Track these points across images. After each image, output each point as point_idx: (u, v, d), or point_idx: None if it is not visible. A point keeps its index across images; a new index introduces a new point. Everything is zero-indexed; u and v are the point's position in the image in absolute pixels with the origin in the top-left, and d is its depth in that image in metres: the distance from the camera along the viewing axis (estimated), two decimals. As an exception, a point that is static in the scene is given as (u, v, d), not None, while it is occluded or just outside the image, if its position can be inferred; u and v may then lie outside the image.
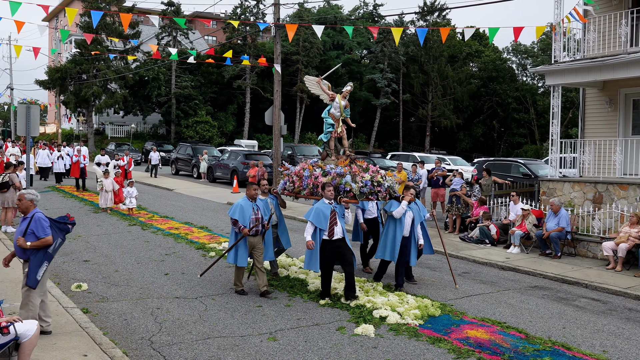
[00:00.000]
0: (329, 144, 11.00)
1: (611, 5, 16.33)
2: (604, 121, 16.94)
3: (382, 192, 10.19)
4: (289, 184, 10.75)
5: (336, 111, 10.88)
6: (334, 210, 9.52)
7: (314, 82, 11.45)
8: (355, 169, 10.27)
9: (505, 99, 56.82)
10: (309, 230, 9.47)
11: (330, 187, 9.64)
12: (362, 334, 8.03)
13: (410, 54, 56.72)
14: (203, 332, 7.98)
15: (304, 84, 50.78)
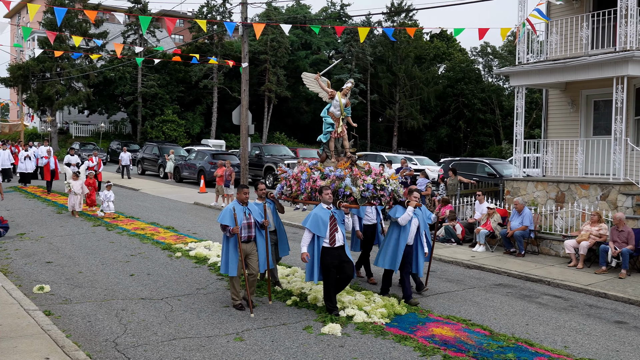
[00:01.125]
0: (329, 145, 10.32)
1: (573, 8, 16.68)
2: (566, 122, 17.30)
3: (386, 196, 9.57)
4: (286, 188, 10.12)
5: (336, 110, 10.18)
6: (334, 216, 8.87)
7: (312, 79, 10.76)
8: (356, 171, 9.57)
9: (472, 99, 57.55)
10: (305, 239, 8.83)
11: (328, 190, 8.98)
12: (329, 333, 8.05)
13: (378, 54, 57.05)
14: (169, 333, 7.90)
15: (272, 84, 50.58)
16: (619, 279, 11.78)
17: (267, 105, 53.90)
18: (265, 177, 29.78)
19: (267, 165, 29.67)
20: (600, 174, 15.39)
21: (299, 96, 56.27)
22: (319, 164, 10.16)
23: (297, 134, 58.25)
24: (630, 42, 14.21)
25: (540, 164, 17.54)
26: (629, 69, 13.92)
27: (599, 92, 16.35)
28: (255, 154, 30.52)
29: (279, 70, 52.86)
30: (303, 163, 10.57)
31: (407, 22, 57.74)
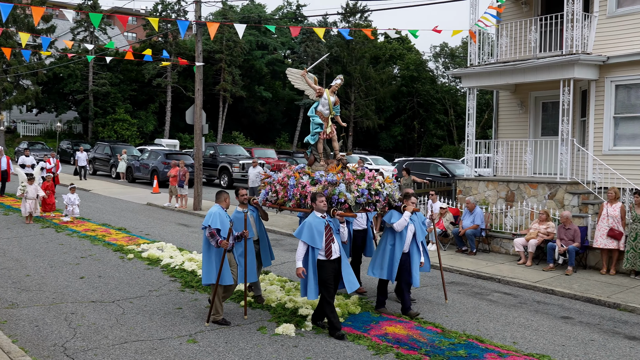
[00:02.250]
0: (317, 147, 9.56)
1: (522, 12, 17.08)
2: (516, 123, 17.71)
3: (381, 201, 8.92)
4: (272, 194, 9.34)
5: (324, 108, 9.45)
6: (329, 225, 8.14)
7: (298, 75, 10.00)
8: (349, 175, 8.84)
9: (428, 99, 58.31)
10: (300, 252, 8.07)
11: (323, 198, 8.18)
12: (283, 334, 8.05)
13: (334, 54, 57.26)
14: (120, 337, 7.77)
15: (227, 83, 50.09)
16: (566, 275, 12.13)
17: (222, 105, 53.49)
18: (220, 177, 29.58)
19: (221, 165, 29.46)
20: (548, 173, 15.81)
21: (255, 96, 56.05)
22: (306, 168, 9.44)
23: (252, 134, 58.00)
24: (576, 45, 14.64)
25: (491, 163, 17.92)
26: (575, 71, 14.35)
27: (547, 94, 16.80)
28: (210, 154, 30.28)
29: (234, 70, 52.52)
30: (289, 167, 9.70)
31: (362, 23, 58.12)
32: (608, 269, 12.40)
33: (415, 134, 61.29)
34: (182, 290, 10.24)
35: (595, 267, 12.82)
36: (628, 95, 14.71)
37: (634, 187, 13.72)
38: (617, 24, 14.81)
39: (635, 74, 14.37)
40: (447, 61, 64.67)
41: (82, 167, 30.91)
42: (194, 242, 14.90)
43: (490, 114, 45.01)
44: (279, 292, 9.99)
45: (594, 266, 12.87)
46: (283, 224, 18.13)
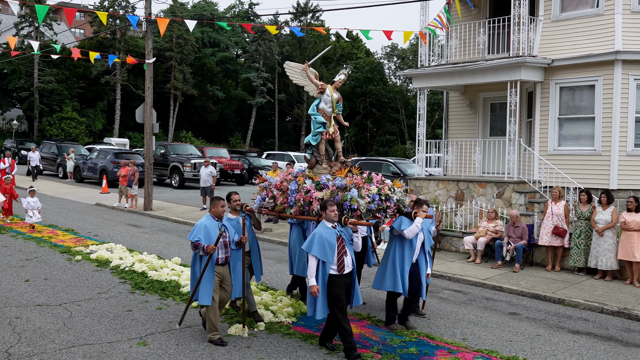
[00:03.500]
0: (319, 148, 8.81)
1: (471, 14, 17.42)
2: (465, 123, 18.05)
3: (392, 207, 8.18)
4: (268, 200, 8.55)
5: (327, 106, 8.73)
6: (341, 236, 7.36)
7: (297, 70, 9.28)
8: (357, 179, 8.01)
9: (382, 99, 58.88)
10: (312, 267, 7.23)
11: (334, 206, 7.36)
12: (236, 334, 8.00)
13: (286, 53, 57.22)
14: (67, 341, 7.58)
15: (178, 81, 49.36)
16: (513, 272, 12.43)
17: (173, 104, 52.80)
18: (171, 177, 29.19)
19: (173, 164, 29.08)
20: (496, 173, 16.17)
21: (206, 95, 55.52)
22: (307, 171, 8.71)
23: (204, 133, 57.43)
24: (523, 48, 15.03)
25: (442, 163, 18.22)
26: (522, 73, 14.73)
27: (495, 95, 17.18)
28: (161, 153, 29.85)
29: (185, 68, 51.89)
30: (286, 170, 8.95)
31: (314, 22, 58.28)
32: (553, 266, 12.78)
33: (368, 134, 61.82)
34: (132, 292, 10.06)
35: (541, 264, 13.19)
36: (572, 97, 15.18)
37: (577, 185, 14.17)
38: (561, 28, 15.27)
39: (578, 76, 14.84)
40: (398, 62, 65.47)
41: (34, 167, 29.96)
42: (145, 243, 14.67)
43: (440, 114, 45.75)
44: (231, 292, 9.92)
45: (540, 263, 13.24)
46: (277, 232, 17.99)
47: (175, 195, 25.56)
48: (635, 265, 11.64)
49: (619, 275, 12.09)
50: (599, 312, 9.95)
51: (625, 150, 14.23)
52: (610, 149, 14.31)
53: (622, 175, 14.28)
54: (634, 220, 11.57)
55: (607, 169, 14.34)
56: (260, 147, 57.74)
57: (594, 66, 14.52)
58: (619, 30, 14.23)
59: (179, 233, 16.55)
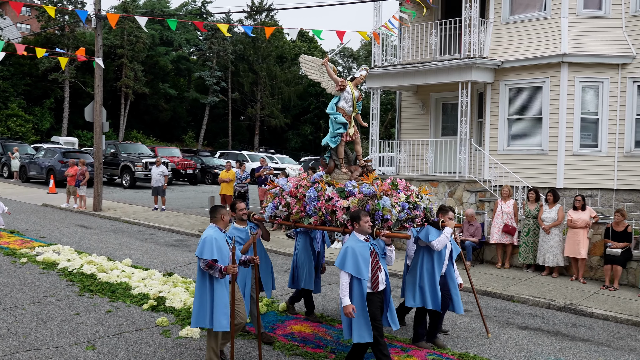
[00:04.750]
0: (338, 151, 8.00)
1: (423, 16, 17.62)
2: (418, 123, 18.26)
3: (420, 216, 7.48)
4: (282, 209, 7.75)
5: (347, 105, 7.96)
6: (375, 250, 6.73)
7: (314, 65, 8.47)
8: (386, 186, 7.28)
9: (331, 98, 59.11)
10: (345, 285, 6.49)
11: (367, 216, 6.71)
12: (188, 336, 7.89)
13: (239, 52, 56.85)
14: (11, 346, 7.32)
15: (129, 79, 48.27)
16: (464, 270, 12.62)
17: (124, 102, 51.78)
18: (121, 177, 28.63)
19: (123, 164, 28.52)
20: (448, 172, 16.41)
21: (158, 93, 54.66)
22: (325, 176, 7.87)
23: (156, 132, 56.53)
24: (474, 49, 15.29)
25: (395, 162, 18.39)
26: (473, 74, 14.98)
27: (447, 96, 17.44)
28: (111, 153, 29.23)
29: (136, 66, 50.96)
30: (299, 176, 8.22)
31: (268, 21, 58.07)
32: (503, 263, 13.05)
33: (322, 134, 61.99)
34: (80, 295, 9.80)
35: (491, 262, 13.44)
36: (521, 97, 15.53)
37: (525, 184, 14.50)
38: (510, 30, 15.60)
39: (527, 78, 15.20)
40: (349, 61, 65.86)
41: None
42: (94, 245, 14.34)
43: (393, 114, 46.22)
44: (183, 294, 9.78)
45: (490, 260, 13.50)
46: (187, 224, 17.80)
47: (126, 195, 25.08)
48: (580, 261, 11.98)
49: (565, 272, 12.43)
50: (547, 308, 10.20)
51: (571, 150, 14.64)
52: (557, 148, 14.70)
53: (568, 174, 14.69)
54: (579, 218, 11.90)
55: (554, 168, 14.72)
56: (214, 146, 57.20)
57: (542, 68, 14.89)
58: (565, 33, 14.63)
59: (129, 234, 16.24)
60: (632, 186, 14.56)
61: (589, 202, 13.71)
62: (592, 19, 14.79)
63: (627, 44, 14.57)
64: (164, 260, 13.01)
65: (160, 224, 17.72)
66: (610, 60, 14.51)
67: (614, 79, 14.63)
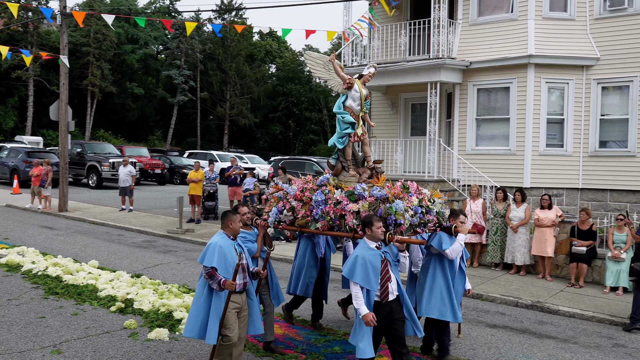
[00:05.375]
0: (345, 152, 7.58)
1: (393, 16, 17.70)
2: (387, 123, 18.34)
3: (433, 221, 7.00)
4: (286, 214, 7.28)
5: (355, 104, 7.53)
6: (386, 259, 6.30)
7: (320, 61, 8.02)
8: (397, 189, 6.83)
9: (300, 98, 59.08)
10: (358, 294, 6.09)
11: (380, 221, 6.29)
12: (156, 339, 7.77)
13: (208, 51, 56.42)
14: (-27, 351, 7.14)
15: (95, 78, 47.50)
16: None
17: (91, 101, 50.96)
18: (88, 177, 28.18)
19: (90, 164, 28.07)
20: (417, 172, 16.52)
21: (126, 92, 53.94)
22: (331, 179, 7.44)
23: (123, 132, 55.76)
24: (442, 50, 15.41)
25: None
26: (442, 75, 15.11)
27: (416, 96, 17.55)
28: (77, 152, 28.73)
29: (103, 64, 50.20)
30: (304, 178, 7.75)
31: (237, 20, 57.77)
32: (472, 262, 13.17)
33: (291, 133, 61.92)
34: (45, 298, 9.59)
35: (460, 261, 13.55)
36: (488, 98, 15.71)
37: (493, 184, 14.68)
38: (478, 32, 15.77)
39: (494, 78, 15.38)
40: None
41: None
42: (60, 246, 14.06)
43: (363, 114, 46.41)
44: (152, 295, 9.64)
45: (459, 259, 13.60)
46: (156, 225, 17.59)
47: (93, 196, 24.67)
48: (547, 260, 12.16)
49: (533, 270, 12.61)
50: (514, 306, 10.33)
51: (537, 150, 14.86)
52: (524, 148, 14.91)
53: (535, 173, 14.91)
54: (546, 217, 12.08)
55: (521, 168, 14.93)
56: (182, 146, 56.66)
57: (509, 69, 15.08)
58: (531, 35, 14.84)
59: (96, 235, 15.97)
60: (597, 185, 14.85)
61: (555, 201, 13.93)
62: (558, 21, 15.04)
63: (591, 45, 14.85)
64: (131, 261, 12.82)
65: (128, 225, 17.47)
66: (575, 62, 14.77)
67: (579, 80, 14.90)
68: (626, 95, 14.56)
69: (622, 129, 14.67)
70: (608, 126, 14.86)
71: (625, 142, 14.60)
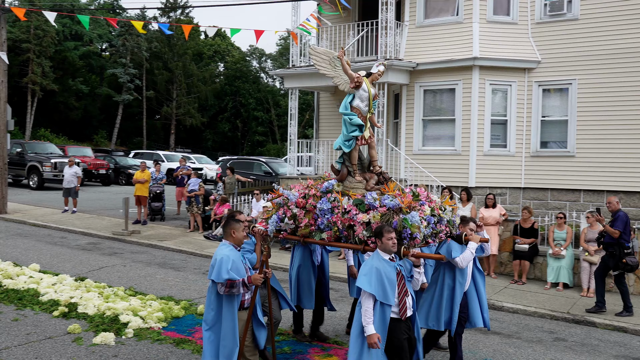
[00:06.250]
0: (351, 157, 7.00)
1: (341, 17, 17.80)
2: (336, 123, 18.43)
3: (444, 230, 6.60)
4: (288, 222, 6.82)
5: (363, 104, 6.95)
6: (401, 272, 5.94)
7: (326, 57, 7.44)
8: (409, 199, 6.37)
9: (247, 98, 58.75)
10: (370, 310, 5.65)
11: (392, 232, 5.86)
12: (102, 343, 7.60)
13: (154, 50, 55.45)
14: None
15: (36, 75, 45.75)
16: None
17: (31, 99, 49.38)
18: (28, 178, 27.30)
19: (30, 164, 27.19)
20: (365, 172, 16.63)
21: (69, 90, 52.49)
22: (336, 185, 6.90)
23: (66, 131, 54.22)
24: (390, 51, 15.59)
25: (313, 162, 18.48)
26: (389, 76, 15.27)
27: (364, 97, 17.65)
28: (17, 152, 27.79)
29: (44, 61, 48.71)
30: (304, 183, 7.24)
31: (183, 18, 57.00)
32: (419, 261, 13.35)
33: (239, 133, 61.52)
34: (-16, 304, 9.26)
35: (407, 259, 13.73)
36: (434, 99, 15.97)
37: (440, 184, 14.93)
38: (425, 34, 16.02)
39: (440, 80, 15.65)
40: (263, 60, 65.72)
41: None
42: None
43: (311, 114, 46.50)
44: (97, 299, 9.42)
45: (406, 258, 13.78)
46: (101, 227, 17.20)
47: (34, 197, 23.92)
48: (491, 257, 12.46)
49: (478, 268, 12.87)
50: (461, 303, 10.53)
51: (482, 150, 15.20)
52: (469, 149, 15.22)
53: (480, 173, 15.25)
54: (490, 216, 12.38)
55: (467, 167, 15.24)
56: (127, 145, 55.51)
57: (455, 71, 15.38)
58: (476, 37, 15.17)
59: (38, 237, 15.49)
60: (538, 185, 15.30)
61: (498, 200, 14.27)
62: (501, 25, 15.42)
63: (533, 49, 15.29)
64: (75, 264, 12.50)
65: (72, 227, 17.02)
66: (518, 65, 15.18)
67: (522, 82, 15.32)
68: (566, 97, 15.04)
69: (561, 130, 15.15)
70: (549, 127, 15.33)
71: (564, 142, 15.09)
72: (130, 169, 31.94)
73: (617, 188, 14.22)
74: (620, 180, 14.23)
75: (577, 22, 14.81)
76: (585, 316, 9.75)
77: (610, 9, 14.36)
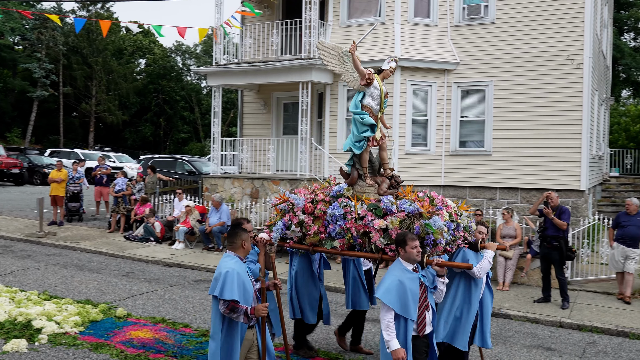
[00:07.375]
0: (362, 159, 6.67)
1: (265, 15, 17.74)
2: (259, 122, 18.35)
3: (461, 236, 6.22)
4: (295, 229, 6.39)
5: (375, 102, 6.60)
6: (424, 284, 5.54)
7: (334, 53, 7.19)
8: (427, 203, 6.09)
9: (172, 96, 57.62)
10: (391, 325, 5.26)
11: (415, 240, 5.44)
12: (13, 351, 7.24)
13: (72, 44, 53.42)
14: None
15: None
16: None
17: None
18: None
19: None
20: (289, 170, 16.67)
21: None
22: (346, 189, 6.55)
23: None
24: (313, 50, 15.65)
25: (237, 161, 18.33)
26: (313, 75, 15.34)
27: (288, 95, 17.70)
28: None
29: (-50, 55, 46.05)
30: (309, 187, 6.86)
31: (104, 13, 55.26)
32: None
33: (162, 132, 60.21)
34: None
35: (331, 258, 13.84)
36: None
37: (363, 182, 15.14)
38: (348, 33, 16.16)
39: (364, 80, 15.83)
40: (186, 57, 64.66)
41: None
42: None
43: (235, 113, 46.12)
44: (8, 304, 8.97)
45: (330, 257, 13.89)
46: (13, 228, 16.41)
47: (-61, 198, 22.58)
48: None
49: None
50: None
51: (404, 149, 15.52)
52: (391, 147, 15.49)
53: (401, 171, 15.43)
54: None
55: (389, 166, 15.50)
56: (43, 143, 53.23)
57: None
58: (398, 38, 15.47)
59: (-57, 240, 14.62)
60: (457, 183, 15.77)
61: (420, 198, 14.59)
62: (422, 27, 15.79)
63: (452, 51, 15.73)
64: (-16, 268, 11.88)
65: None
66: (438, 66, 15.58)
67: (441, 83, 15.74)
68: (483, 98, 15.57)
69: (479, 130, 15.67)
70: (467, 127, 15.82)
71: (482, 142, 15.61)
72: (45, 168, 30.66)
73: (530, 185, 14.87)
74: (532, 178, 14.87)
75: (494, 25, 15.35)
76: (500, 309, 10.11)
77: (524, 14, 14.97)
